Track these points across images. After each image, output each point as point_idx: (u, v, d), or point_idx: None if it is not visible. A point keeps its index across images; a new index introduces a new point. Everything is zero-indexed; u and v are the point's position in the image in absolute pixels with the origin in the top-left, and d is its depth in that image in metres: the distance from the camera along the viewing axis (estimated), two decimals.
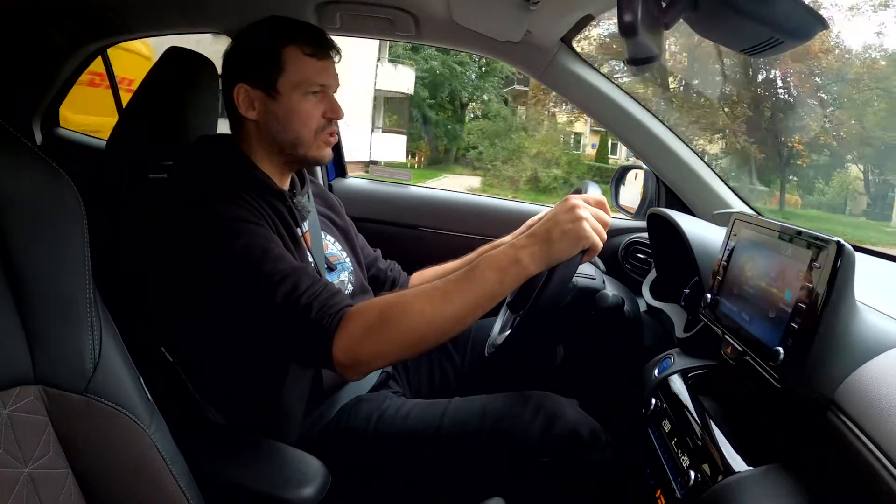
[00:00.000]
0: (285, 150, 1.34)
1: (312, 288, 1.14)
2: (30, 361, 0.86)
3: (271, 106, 1.31)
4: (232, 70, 1.34)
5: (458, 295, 1.10)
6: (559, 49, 1.84)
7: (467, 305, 1.10)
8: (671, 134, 1.88)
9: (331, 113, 1.34)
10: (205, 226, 1.17)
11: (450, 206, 2.41)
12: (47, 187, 0.88)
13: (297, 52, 1.29)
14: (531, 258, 1.11)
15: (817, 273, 0.87)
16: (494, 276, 1.10)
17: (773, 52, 0.81)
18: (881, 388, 0.78)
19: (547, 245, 1.11)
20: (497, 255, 1.12)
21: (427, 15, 1.80)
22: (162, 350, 1.27)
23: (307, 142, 1.33)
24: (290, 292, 1.12)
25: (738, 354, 1.04)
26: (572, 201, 1.13)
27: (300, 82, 1.30)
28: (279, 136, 1.33)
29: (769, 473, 0.88)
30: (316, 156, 1.36)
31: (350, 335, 1.10)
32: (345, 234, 1.61)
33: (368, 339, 1.10)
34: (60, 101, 2.64)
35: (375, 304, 1.13)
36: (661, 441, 1.14)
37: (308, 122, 1.32)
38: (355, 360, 1.11)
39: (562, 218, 1.11)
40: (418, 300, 1.11)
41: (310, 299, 1.12)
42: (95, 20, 2.11)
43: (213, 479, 1.10)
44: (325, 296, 1.14)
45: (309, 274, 1.17)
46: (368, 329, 1.10)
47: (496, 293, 1.11)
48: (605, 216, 1.15)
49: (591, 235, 1.10)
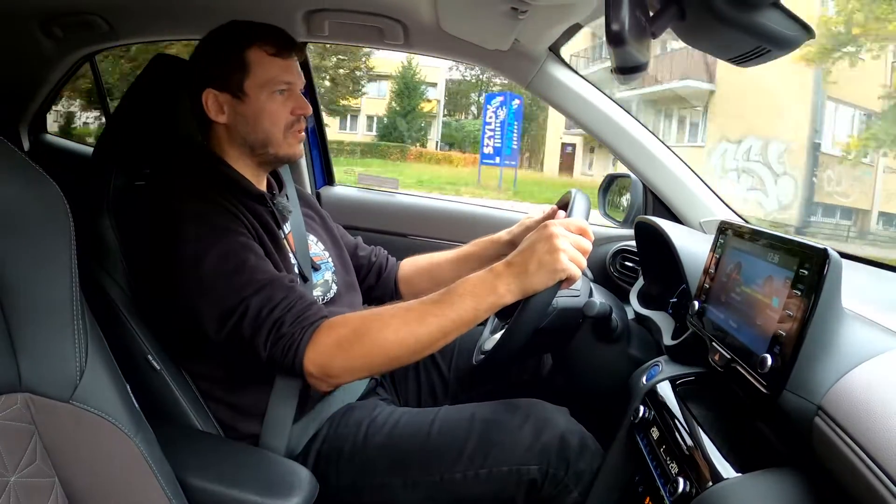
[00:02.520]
0: (256, 150, 1.36)
1: (287, 300, 1.16)
2: (15, 369, 0.85)
3: (240, 108, 1.32)
4: (198, 76, 1.35)
5: (433, 318, 1.13)
6: (547, 58, 1.85)
7: (440, 329, 1.13)
8: (658, 142, 1.89)
9: (298, 109, 1.36)
10: (182, 234, 1.18)
11: (438, 213, 2.41)
12: (34, 194, 0.87)
13: (262, 53, 1.31)
14: (507, 288, 1.13)
15: (804, 280, 0.88)
16: (470, 303, 1.13)
17: (761, 62, 0.81)
18: (869, 393, 0.78)
19: (523, 276, 1.12)
20: (475, 282, 1.14)
21: (415, 23, 1.80)
22: (148, 358, 1.26)
23: (277, 140, 1.35)
24: (263, 304, 1.15)
25: (725, 361, 1.04)
26: (550, 230, 1.14)
27: (266, 82, 1.31)
28: (250, 137, 1.34)
29: (757, 480, 0.89)
30: (287, 153, 1.38)
31: (322, 348, 1.13)
32: (327, 231, 1.61)
33: (339, 353, 1.13)
34: (48, 107, 2.64)
35: (350, 320, 1.16)
36: (649, 448, 1.14)
37: (277, 121, 1.34)
38: (325, 373, 1.14)
39: (539, 248, 1.12)
40: (394, 319, 1.14)
41: (283, 312, 1.14)
42: (84, 27, 2.10)
43: (200, 487, 1.10)
44: (300, 307, 1.16)
45: (284, 285, 1.18)
46: (340, 344, 1.13)
47: (471, 320, 1.14)
48: (585, 243, 1.16)
49: (567, 268, 1.11)
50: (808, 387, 0.85)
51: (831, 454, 0.78)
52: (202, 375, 1.32)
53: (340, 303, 1.47)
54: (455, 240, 2.24)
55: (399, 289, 1.71)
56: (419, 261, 1.73)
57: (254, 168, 1.39)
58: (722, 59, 0.87)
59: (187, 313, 1.19)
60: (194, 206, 1.22)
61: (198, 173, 1.31)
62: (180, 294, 1.19)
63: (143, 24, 2.12)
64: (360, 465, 1.27)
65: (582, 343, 1.49)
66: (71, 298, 0.90)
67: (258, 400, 1.29)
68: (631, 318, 1.61)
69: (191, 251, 1.17)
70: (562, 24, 1.57)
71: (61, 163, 2.56)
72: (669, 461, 1.05)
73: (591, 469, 1.24)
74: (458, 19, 1.70)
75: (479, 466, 1.22)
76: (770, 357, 0.89)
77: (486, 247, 1.60)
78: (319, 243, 1.54)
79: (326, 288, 1.46)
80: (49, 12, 2.06)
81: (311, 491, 1.14)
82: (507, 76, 1.98)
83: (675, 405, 1.17)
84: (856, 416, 0.77)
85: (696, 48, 0.88)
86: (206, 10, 1.87)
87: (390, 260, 1.76)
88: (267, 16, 1.42)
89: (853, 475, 0.73)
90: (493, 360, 1.26)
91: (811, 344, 0.85)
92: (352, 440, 1.29)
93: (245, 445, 1.29)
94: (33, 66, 2.35)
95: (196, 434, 1.28)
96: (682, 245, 1.38)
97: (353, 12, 1.80)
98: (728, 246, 1.17)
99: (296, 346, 1.12)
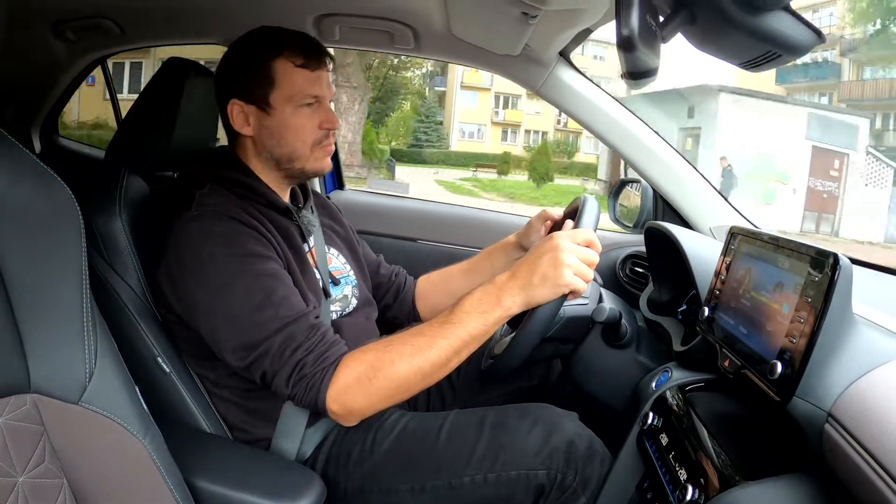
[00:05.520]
0: (282, 164, 1.34)
1: (310, 340, 1.15)
2: (25, 370, 0.86)
3: (265, 121, 1.30)
4: (224, 86, 1.33)
5: (443, 340, 1.12)
6: (557, 63, 1.85)
7: (452, 349, 1.13)
8: (669, 147, 1.89)
9: (326, 123, 1.32)
10: (211, 258, 1.18)
11: (447, 218, 2.41)
12: (45, 196, 0.88)
13: (288, 65, 1.28)
14: (512, 300, 1.13)
15: (814, 286, 0.87)
16: (478, 318, 1.13)
17: (771, 66, 0.81)
18: (879, 400, 0.78)
19: (527, 289, 1.12)
20: (480, 297, 1.14)
21: (426, 28, 1.80)
22: (158, 360, 1.27)
23: (303, 155, 1.33)
24: (287, 343, 1.14)
25: (735, 368, 1.04)
26: (556, 241, 1.13)
27: (292, 95, 1.28)
28: (275, 151, 1.32)
29: (767, 487, 0.88)
30: (314, 168, 1.36)
31: (342, 388, 1.13)
32: (348, 244, 1.60)
33: (359, 390, 1.13)
34: (60, 110, 2.65)
35: (366, 356, 1.15)
36: (658, 454, 1.14)
37: (303, 135, 1.31)
38: (348, 410, 1.14)
39: (543, 262, 1.12)
40: (405, 348, 1.13)
41: (305, 353, 1.14)
42: (95, 30, 2.12)
43: (208, 489, 1.10)
44: (321, 349, 1.15)
45: (309, 323, 1.18)
46: (359, 381, 1.12)
47: (481, 335, 1.14)
48: (591, 255, 1.15)
49: (571, 283, 1.11)
50: (818, 393, 0.84)
51: (841, 461, 0.78)
52: (216, 380, 1.32)
53: (358, 315, 1.47)
54: (465, 244, 2.24)
55: (416, 306, 1.69)
56: (432, 277, 1.72)
57: (279, 181, 1.37)
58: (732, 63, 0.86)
59: (207, 335, 1.19)
60: (224, 226, 1.20)
61: (226, 184, 1.29)
62: (202, 317, 1.18)
63: (154, 28, 2.13)
64: (368, 470, 1.27)
65: (591, 348, 1.49)
66: (81, 300, 0.91)
67: (272, 405, 1.30)
68: (640, 323, 1.61)
69: (218, 277, 1.16)
70: (572, 28, 1.56)
71: (73, 165, 2.57)
72: (678, 467, 1.05)
73: (599, 475, 1.23)
74: (468, 24, 1.70)
75: (487, 471, 1.21)
76: (780, 363, 0.88)
77: (496, 256, 1.59)
78: (341, 256, 1.53)
79: (346, 303, 1.45)
80: (61, 16, 2.07)
81: (319, 495, 1.15)
82: (518, 81, 1.98)
83: (685, 411, 1.17)
84: (866, 423, 0.76)
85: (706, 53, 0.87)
86: (217, 14, 1.87)
87: (408, 280, 1.74)
88: (278, 20, 1.41)
89: (863, 482, 0.73)
90: (501, 365, 1.26)
91: (821, 350, 0.85)
92: (360, 444, 1.29)
93: (253, 448, 1.29)
94: (45, 69, 2.36)
95: (205, 436, 1.28)
96: (692, 250, 1.37)
97: (364, 17, 1.80)
98: (738, 252, 1.16)
99: (317, 387, 1.12)
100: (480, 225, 2.36)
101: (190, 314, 1.21)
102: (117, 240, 1.29)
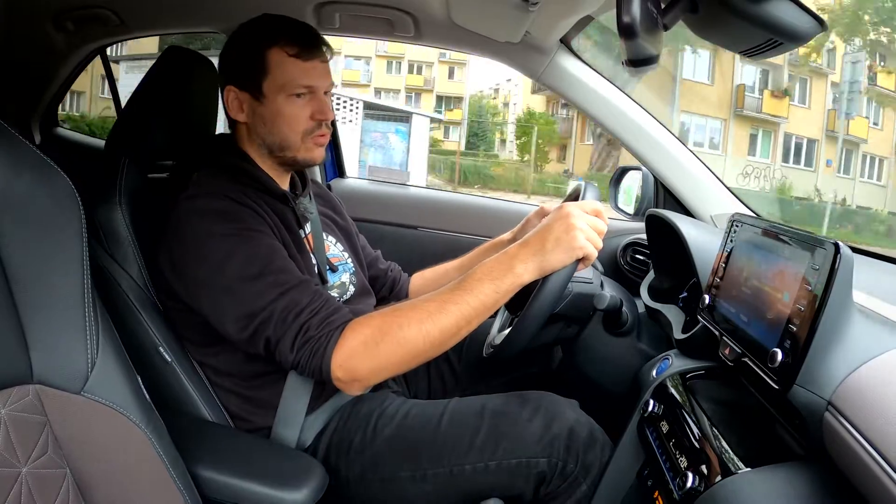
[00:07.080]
0: (274, 152, 1.34)
1: (313, 303, 1.15)
2: (27, 361, 0.86)
3: (258, 109, 1.31)
4: (222, 72, 1.35)
5: (453, 306, 1.12)
6: (558, 50, 1.84)
7: (463, 317, 1.12)
8: (670, 135, 1.88)
9: (318, 114, 1.32)
10: (208, 233, 1.18)
11: (448, 206, 2.41)
12: (45, 187, 0.87)
13: (282, 54, 1.28)
14: (524, 267, 1.12)
15: (815, 274, 0.87)
16: (489, 285, 1.12)
17: (773, 54, 0.81)
18: (879, 389, 0.78)
19: (541, 255, 1.12)
20: (492, 265, 1.14)
21: (426, 16, 1.80)
22: (160, 350, 1.27)
23: (294, 144, 1.33)
24: (290, 307, 1.14)
25: (736, 356, 1.04)
26: (567, 209, 1.13)
27: (284, 84, 1.29)
28: (267, 139, 1.33)
29: (767, 475, 0.89)
30: (306, 158, 1.36)
31: (348, 351, 1.11)
32: (346, 234, 1.60)
33: (366, 354, 1.11)
34: (59, 100, 2.65)
35: (373, 320, 1.14)
36: (658, 442, 1.14)
37: (294, 125, 1.31)
38: (353, 376, 1.12)
39: (556, 227, 1.12)
40: (415, 312, 1.13)
41: (309, 316, 1.14)
42: (95, 21, 2.11)
43: (211, 478, 1.11)
44: (325, 312, 1.15)
45: (310, 288, 1.18)
46: (366, 345, 1.11)
47: (492, 303, 1.13)
48: (600, 224, 1.15)
49: (584, 246, 1.11)
50: (819, 382, 0.84)
51: (841, 449, 0.78)
52: (217, 369, 1.32)
53: (356, 302, 1.47)
54: (464, 232, 2.24)
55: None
56: (426, 273, 1.73)
57: (275, 168, 1.38)
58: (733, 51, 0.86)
59: (209, 311, 1.19)
60: (221, 204, 1.21)
61: (223, 169, 1.30)
62: (203, 292, 1.19)
63: (153, 18, 2.12)
64: (369, 457, 1.27)
65: (592, 336, 1.49)
66: (82, 291, 0.91)
67: (273, 393, 1.30)
68: (641, 311, 1.61)
69: (217, 251, 1.16)
70: (573, 15, 1.56)
71: (73, 155, 2.57)
72: (679, 455, 1.05)
73: (600, 462, 1.24)
74: (468, 11, 1.70)
75: (488, 458, 1.22)
76: (780, 352, 0.88)
77: (491, 253, 1.58)
78: (339, 244, 1.53)
79: (343, 290, 1.46)
80: (61, 6, 2.07)
81: (320, 482, 1.15)
82: (518, 69, 1.97)
83: (685, 399, 1.17)
84: (866, 412, 0.76)
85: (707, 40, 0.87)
86: (217, 2, 1.87)
87: (403, 276, 1.75)
88: (277, 8, 1.41)
89: (863, 470, 0.73)
90: (508, 346, 1.26)
91: (822, 339, 0.85)
92: (362, 432, 1.30)
93: (255, 437, 1.30)
94: (44, 59, 2.36)
95: (206, 425, 1.28)
96: (693, 238, 1.37)
97: (364, 4, 1.79)
98: (739, 240, 1.16)
99: (322, 351, 1.11)
100: (481, 213, 2.36)
101: (191, 292, 1.21)
102: (118, 230, 1.29)
